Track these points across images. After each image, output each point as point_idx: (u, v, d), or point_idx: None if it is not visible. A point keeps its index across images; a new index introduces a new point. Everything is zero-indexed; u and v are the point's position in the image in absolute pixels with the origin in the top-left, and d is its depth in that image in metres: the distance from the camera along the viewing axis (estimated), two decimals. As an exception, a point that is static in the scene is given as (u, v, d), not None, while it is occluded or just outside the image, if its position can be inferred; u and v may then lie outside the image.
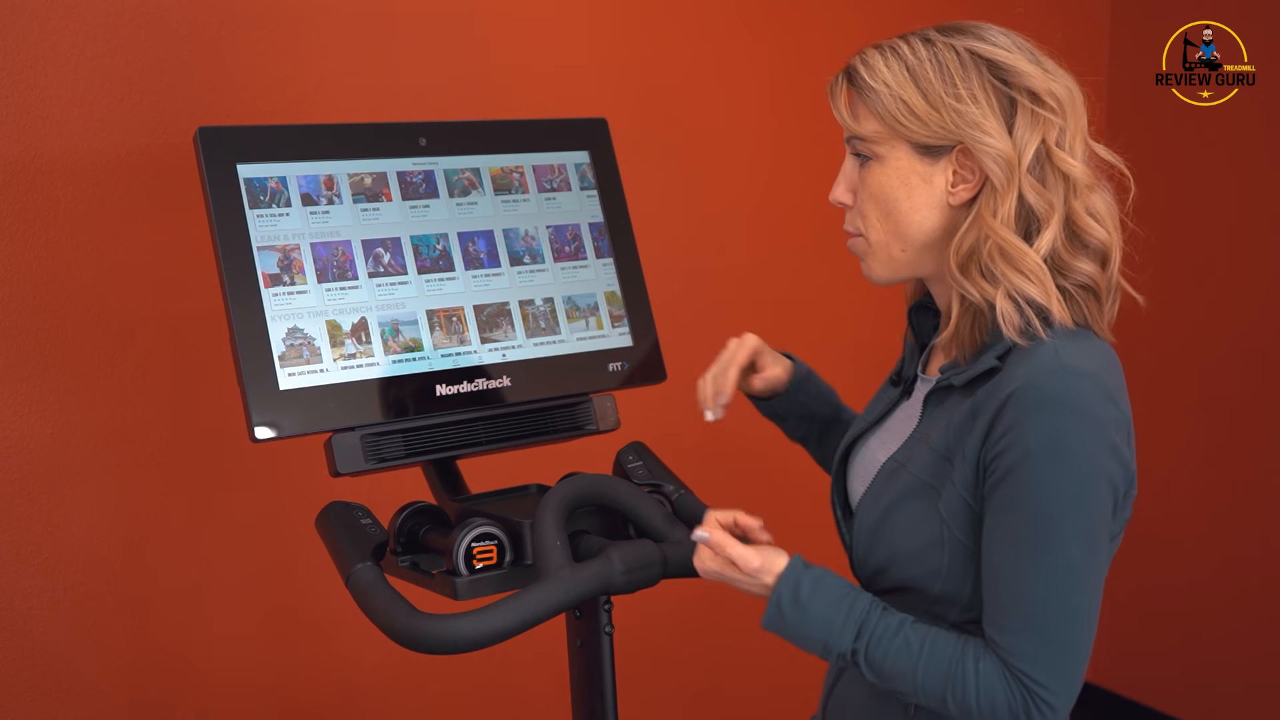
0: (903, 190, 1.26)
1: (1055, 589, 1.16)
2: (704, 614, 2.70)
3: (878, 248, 1.30)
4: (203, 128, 1.55)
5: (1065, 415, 1.15)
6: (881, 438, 1.38)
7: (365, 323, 1.59)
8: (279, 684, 2.24)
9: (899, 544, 1.26)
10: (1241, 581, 3.00)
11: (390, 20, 2.22)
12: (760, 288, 2.71)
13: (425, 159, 1.69)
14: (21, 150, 1.91)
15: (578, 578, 1.40)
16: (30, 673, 1.99)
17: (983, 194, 1.23)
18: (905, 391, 1.39)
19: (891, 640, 1.21)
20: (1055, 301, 1.21)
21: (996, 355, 1.22)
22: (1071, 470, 1.15)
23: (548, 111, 2.34)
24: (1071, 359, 1.19)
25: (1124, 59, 3.09)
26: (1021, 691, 1.17)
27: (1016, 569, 1.17)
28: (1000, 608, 1.18)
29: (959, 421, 1.23)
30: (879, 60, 1.26)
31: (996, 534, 1.18)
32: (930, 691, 1.20)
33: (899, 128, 1.24)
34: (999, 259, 1.21)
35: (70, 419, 1.99)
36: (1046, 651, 1.16)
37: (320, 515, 1.55)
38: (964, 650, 1.20)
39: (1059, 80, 1.25)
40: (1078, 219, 1.25)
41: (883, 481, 1.30)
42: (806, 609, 1.24)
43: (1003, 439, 1.17)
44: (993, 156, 1.21)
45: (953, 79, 1.22)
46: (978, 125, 1.21)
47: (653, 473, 1.69)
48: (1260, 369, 2.92)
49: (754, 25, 2.64)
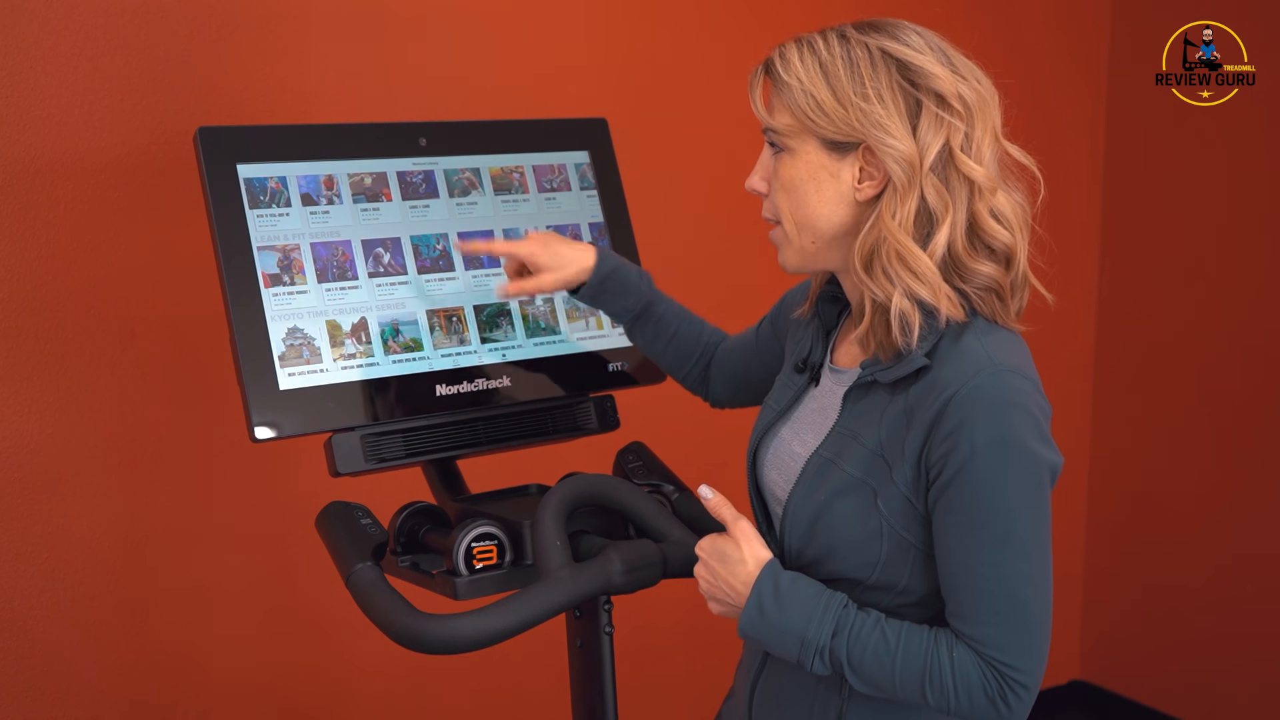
0: (811, 184, 1.28)
1: (1017, 579, 1.20)
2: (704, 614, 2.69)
3: (790, 238, 1.32)
4: (203, 128, 1.55)
5: (1006, 412, 1.19)
6: (794, 428, 1.39)
7: (365, 323, 1.59)
8: (279, 683, 2.24)
9: (836, 538, 1.28)
10: (1242, 581, 3.00)
11: (390, 20, 2.22)
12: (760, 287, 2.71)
13: (425, 159, 1.69)
14: (21, 150, 1.91)
15: (578, 578, 1.40)
16: (30, 673, 1.99)
17: (885, 194, 1.25)
18: (812, 378, 1.40)
19: (870, 635, 1.24)
20: (944, 301, 1.23)
21: (923, 353, 1.24)
22: (1017, 464, 1.19)
23: (548, 111, 2.34)
24: (1001, 356, 1.22)
25: (1124, 59, 3.09)
26: (996, 677, 1.21)
27: (977, 564, 1.20)
28: (965, 602, 1.22)
29: (891, 421, 1.25)
30: (794, 55, 1.28)
31: (953, 532, 1.21)
32: (908, 683, 1.23)
33: (808, 122, 1.26)
34: (895, 260, 1.24)
35: (70, 419, 1.99)
36: (1015, 637, 1.20)
37: (320, 515, 1.55)
38: (936, 642, 1.23)
39: (969, 83, 1.26)
40: (981, 221, 1.25)
41: (812, 476, 1.31)
42: (786, 603, 1.26)
43: (947, 439, 1.19)
44: (894, 157, 1.23)
45: (862, 77, 1.24)
46: (880, 125, 1.23)
47: (653, 473, 1.69)
48: (1257, 367, 2.92)
49: (754, 25, 2.64)
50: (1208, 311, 3.02)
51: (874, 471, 1.26)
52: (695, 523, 1.61)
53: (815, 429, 1.36)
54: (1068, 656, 3.36)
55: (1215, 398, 3.02)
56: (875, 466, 1.26)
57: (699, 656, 2.74)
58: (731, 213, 2.66)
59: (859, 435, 1.28)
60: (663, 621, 2.61)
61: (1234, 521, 3.01)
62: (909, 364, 1.24)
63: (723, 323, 2.73)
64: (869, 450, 1.26)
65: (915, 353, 1.24)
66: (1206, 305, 3.02)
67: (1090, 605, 3.29)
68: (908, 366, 1.24)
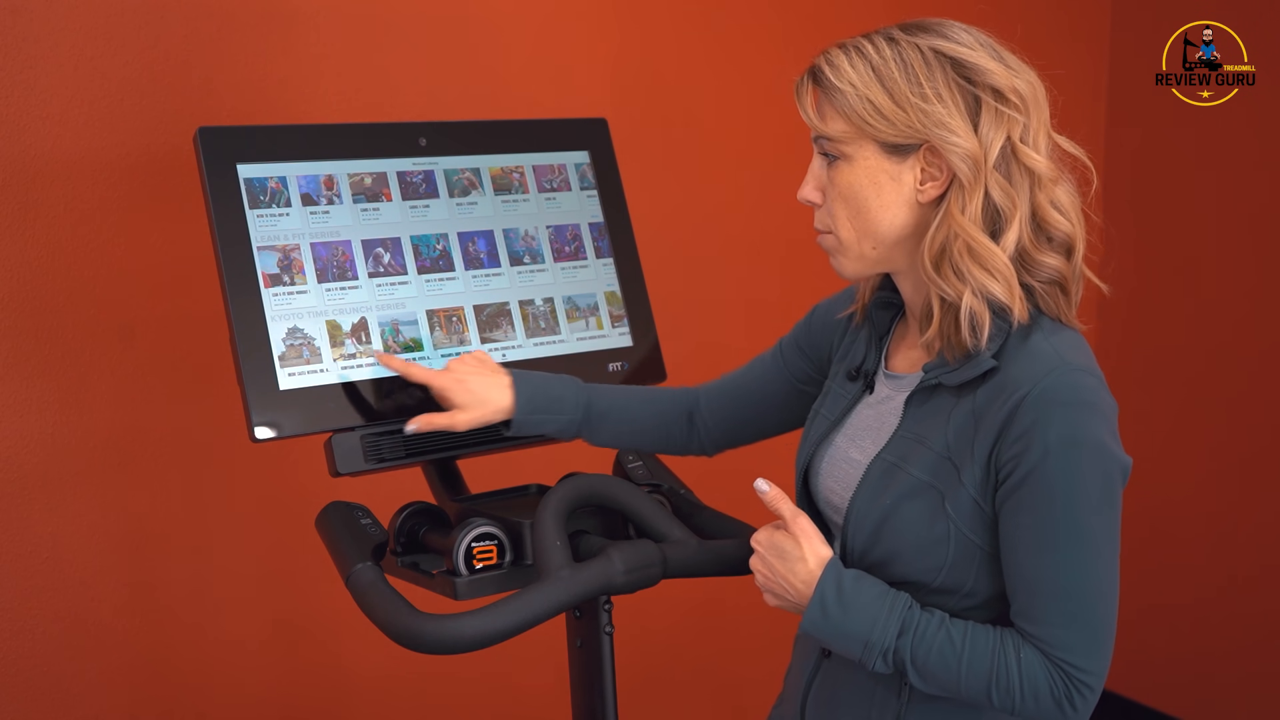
0: (872, 189, 1.27)
1: (1087, 580, 1.20)
2: (704, 614, 2.70)
3: (848, 245, 1.31)
4: (203, 128, 1.55)
5: (1078, 412, 1.19)
6: (850, 436, 1.38)
7: (365, 323, 1.59)
8: (278, 683, 2.24)
9: (903, 542, 1.27)
10: (1242, 582, 3.00)
11: (390, 20, 2.22)
12: (760, 287, 2.71)
13: (425, 159, 1.69)
14: (21, 150, 1.91)
15: (578, 578, 1.40)
16: (30, 673, 1.99)
17: (950, 191, 1.24)
18: (866, 386, 1.39)
19: (935, 635, 1.23)
20: (1018, 300, 1.23)
21: (991, 354, 1.23)
22: (1091, 463, 1.19)
23: (548, 111, 2.34)
24: (1070, 355, 1.22)
25: (1124, 59, 3.09)
26: (1063, 678, 1.21)
27: (1047, 565, 1.20)
28: (1034, 602, 1.21)
29: (959, 423, 1.24)
30: (844, 60, 1.27)
31: (1023, 532, 1.21)
32: (973, 685, 1.22)
33: (866, 128, 1.25)
34: (967, 257, 1.23)
35: (70, 419, 1.99)
36: (1083, 639, 1.20)
37: (320, 515, 1.55)
38: (1003, 642, 1.22)
39: (1022, 76, 1.26)
40: (1043, 213, 1.26)
41: (876, 480, 1.30)
42: (850, 604, 1.25)
43: (1020, 440, 1.19)
44: (959, 155, 1.22)
45: (918, 78, 1.23)
46: (943, 124, 1.22)
47: (653, 473, 1.69)
48: (1259, 368, 2.92)
49: (754, 25, 2.64)
50: (1208, 312, 3.02)
51: (941, 475, 1.25)
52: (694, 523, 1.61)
53: (874, 435, 1.35)
54: (1068, 656, 3.36)
55: (1216, 398, 3.02)
56: (943, 469, 1.25)
57: (699, 656, 2.74)
58: (732, 212, 2.67)
59: (925, 439, 1.27)
60: (663, 621, 2.61)
61: (1236, 522, 3.01)
62: (977, 366, 1.23)
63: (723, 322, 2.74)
64: (936, 453, 1.25)
65: (983, 354, 1.23)
66: (1207, 306, 3.02)
67: (1090, 605, 3.28)
68: (976, 369, 1.23)
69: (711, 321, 2.65)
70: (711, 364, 2.62)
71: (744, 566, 1.53)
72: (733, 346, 2.69)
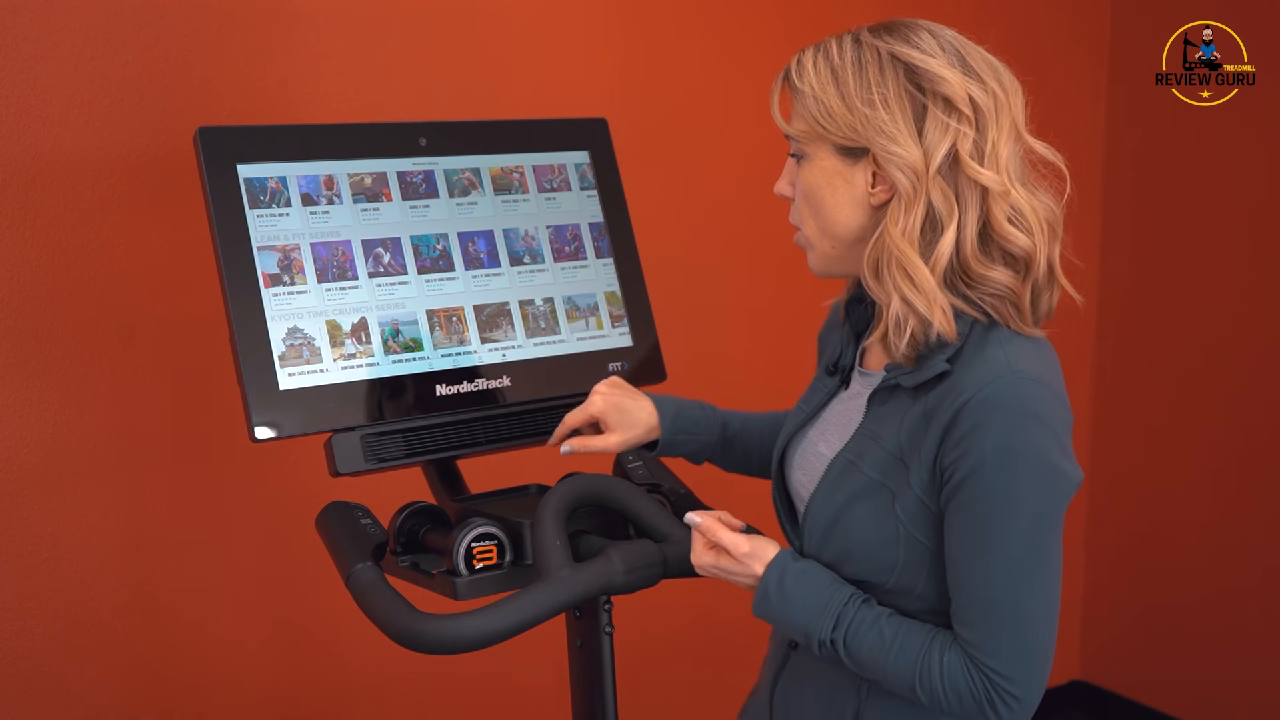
0: (827, 189, 1.29)
1: (1011, 586, 1.20)
2: (704, 614, 2.70)
3: (813, 242, 1.33)
4: (203, 128, 1.55)
5: (1019, 420, 1.18)
6: (822, 430, 1.39)
7: (365, 323, 1.59)
8: (278, 683, 2.24)
9: (854, 541, 1.28)
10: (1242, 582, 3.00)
11: (390, 20, 2.22)
12: (760, 287, 2.71)
13: (425, 159, 1.69)
14: (21, 150, 1.91)
15: (578, 578, 1.40)
16: (30, 673, 1.99)
17: (891, 203, 1.24)
18: (843, 381, 1.41)
19: (868, 632, 1.25)
20: (939, 313, 1.22)
21: (945, 358, 1.23)
22: (1025, 473, 1.18)
23: (548, 111, 2.34)
24: (1021, 362, 1.21)
25: (1124, 59, 3.09)
26: (984, 683, 1.21)
27: (974, 568, 1.21)
28: (962, 604, 1.22)
29: (911, 424, 1.25)
30: (809, 61, 1.28)
31: (955, 534, 1.22)
32: (901, 681, 1.25)
33: (818, 129, 1.27)
34: (895, 268, 1.23)
35: (70, 419, 1.99)
36: (1007, 645, 1.20)
37: (320, 515, 1.55)
38: (931, 643, 1.24)
39: (983, 84, 1.24)
40: (996, 225, 1.23)
41: (834, 478, 1.31)
42: (790, 597, 1.28)
43: (959, 444, 1.19)
44: (898, 164, 1.22)
45: (869, 83, 1.23)
46: (883, 131, 1.22)
47: (653, 473, 1.69)
48: (1259, 369, 2.92)
49: (754, 25, 2.64)
50: (1207, 312, 3.02)
51: (892, 474, 1.26)
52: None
53: (841, 431, 1.36)
54: (1068, 656, 3.36)
55: (1214, 398, 3.02)
56: (893, 469, 1.26)
57: (699, 656, 2.74)
58: (732, 212, 2.66)
59: (880, 438, 1.28)
60: (663, 621, 2.61)
61: (1234, 521, 3.01)
62: (930, 369, 1.23)
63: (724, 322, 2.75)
64: (888, 453, 1.26)
65: (937, 358, 1.23)
66: (1206, 306, 3.02)
67: (1091, 605, 3.29)
68: (929, 371, 1.24)
69: (712, 321, 2.65)
70: (711, 364, 2.62)
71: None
72: (733, 346, 2.70)
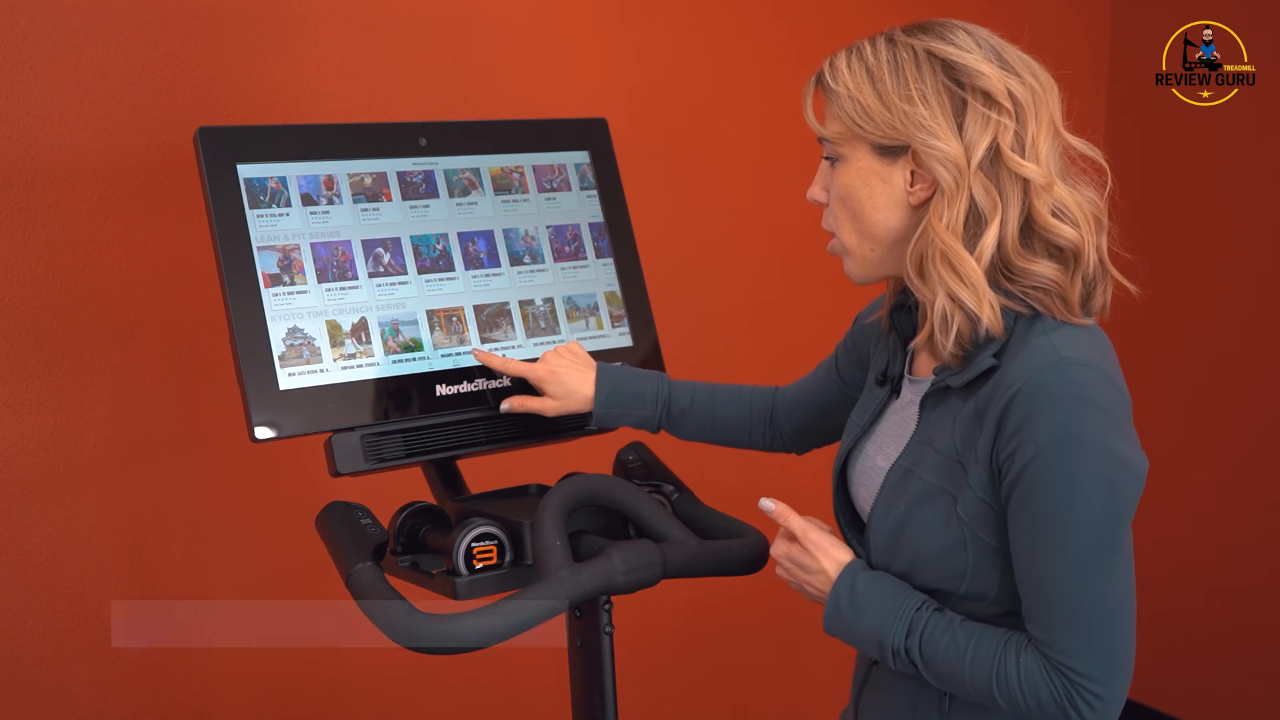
0: (865, 190, 1.27)
1: (1081, 582, 1.16)
2: (704, 614, 2.70)
3: (851, 249, 1.32)
4: (203, 128, 1.55)
5: (1070, 406, 1.15)
6: (878, 442, 1.38)
7: (365, 323, 1.59)
8: (278, 683, 2.23)
9: (921, 550, 1.26)
10: (1242, 581, 3.00)
11: (390, 20, 2.22)
12: (760, 287, 2.71)
13: (425, 159, 1.69)
14: (21, 150, 1.91)
15: (578, 578, 1.40)
16: (30, 673, 1.99)
17: (934, 198, 1.24)
18: (893, 390, 1.39)
19: (941, 637, 1.23)
20: (987, 308, 1.21)
21: (992, 354, 1.22)
22: (1084, 461, 1.15)
23: (548, 111, 2.34)
24: (1067, 349, 1.19)
25: (1124, 59, 3.09)
26: (1064, 684, 1.18)
27: (1042, 564, 1.17)
28: (1034, 604, 1.19)
29: (964, 424, 1.23)
30: (842, 62, 1.27)
31: (1019, 531, 1.19)
32: (979, 688, 1.22)
33: (855, 129, 1.26)
34: (940, 263, 1.22)
35: (70, 419, 1.99)
36: (1084, 643, 1.17)
37: (320, 515, 1.55)
38: (1007, 646, 1.21)
39: (1021, 79, 1.24)
40: (1040, 219, 1.23)
41: (892, 488, 1.30)
42: (861, 606, 1.27)
43: (1014, 437, 1.17)
44: (940, 160, 1.22)
45: (907, 80, 1.23)
46: (924, 127, 1.21)
47: (653, 473, 1.69)
48: (1259, 369, 2.92)
49: (754, 25, 2.64)
50: (1209, 313, 3.02)
51: (950, 477, 1.24)
52: (695, 523, 1.61)
53: (897, 441, 1.34)
54: (1068, 656, 3.36)
55: (1217, 400, 3.02)
56: (952, 472, 1.24)
57: (699, 656, 2.74)
58: (732, 212, 2.67)
59: (935, 442, 1.26)
60: (663, 621, 2.61)
61: (1235, 522, 3.01)
62: (977, 366, 1.22)
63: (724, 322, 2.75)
64: (944, 456, 1.24)
65: (984, 354, 1.22)
66: (1208, 307, 3.02)
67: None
68: (976, 369, 1.22)
69: (712, 321, 2.65)
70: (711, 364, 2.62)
71: (744, 566, 1.54)
72: (733, 346, 2.70)
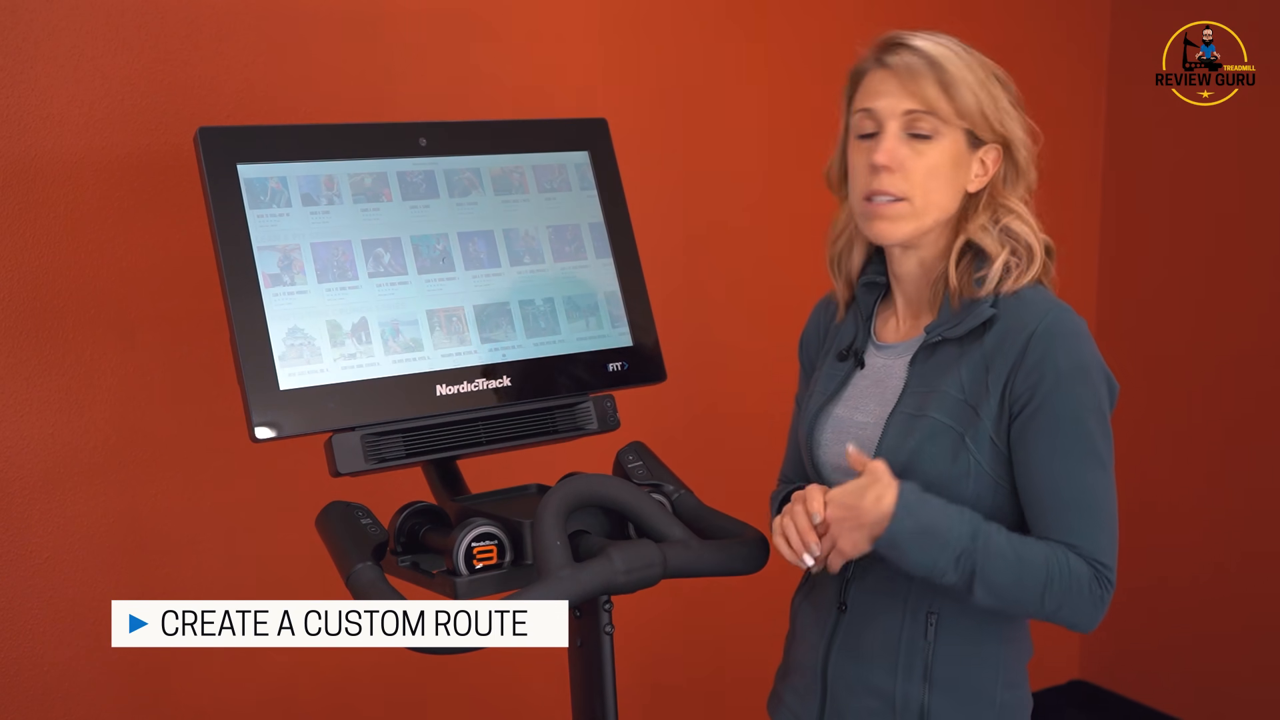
0: (952, 170, 1.44)
1: (1100, 488, 1.38)
2: (704, 614, 2.70)
3: (919, 213, 1.44)
4: (203, 128, 1.55)
5: (1076, 341, 1.38)
6: (849, 405, 1.51)
7: (365, 323, 1.59)
8: (278, 683, 2.24)
9: (929, 477, 1.39)
10: (1241, 581, 3.00)
11: (390, 20, 2.22)
12: (760, 287, 2.71)
13: (425, 159, 1.69)
14: (21, 150, 1.91)
15: (578, 578, 1.40)
16: (30, 673, 1.99)
17: (1003, 173, 1.46)
18: (858, 362, 1.52)
19: (998, 539, 1.35)
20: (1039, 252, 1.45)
21: (989, 304, 1.41)
22: (1093, 382, 1.38)
23: (548, 111, 2.34)
24: (1052, 298, 1.42)
25: (1124, 59, 3.09)
26: (1097, 577, 1.37)
27: (1072, 480, 1.36)
28: (1064, 516, 1.36)
29: (973, 368, 1.40)
30: (951, 53, 1.42)
31: (1045, 455, 1.36)
32: (1029, 588, 1.35)
33: (968, 118, 1.42)
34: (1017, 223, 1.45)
35: (71, 419, 1.99)
36: (1106, 539, 1.38)
37: (320, 515, 1.55)
38: (1053, 549, 1.36)
39: None
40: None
41: (901, 428, 1.42)
42: (930, 504, 1.35)
43: (1032, 372, 1.36)
44: (1028, 154, 1.46)
45: (1001, 87, 1.44)
46: (1019, 131, 1.45)
47: (653, 473, 1.68)
48: (1258, 368, 2.92)
49: (753, 26, 2.64)
50: (1208, 313, 3.02)
51: (960, 417, 1.40)
52: (696, 523, 1.61)
53: (877, 399, 1.48)
54: (1067, 656, 3.36)
55: (1215, 398, 3.02)
56: (961, 412, 1.40)
57: (699, 657, 2.74)
58: (732, 212, 2.67)
59: (938, 387, 1.42)
60: (663, 621, 2.61)
61: (1234, 521, 3.01)
62: (978, 315, 1.40)
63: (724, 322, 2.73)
64: (953, 398, 1.40)
65: (980, 306, 1.41)
66: (1207, 306, 3.02)
67: (1090, 605, 3.29)
68: (977, 318, 1.40)
69: (712, 321, 2.65)
70: (711, 364, 2.62)
71: (744, 566, 1.54)
72: (733, 346, 2.70)
